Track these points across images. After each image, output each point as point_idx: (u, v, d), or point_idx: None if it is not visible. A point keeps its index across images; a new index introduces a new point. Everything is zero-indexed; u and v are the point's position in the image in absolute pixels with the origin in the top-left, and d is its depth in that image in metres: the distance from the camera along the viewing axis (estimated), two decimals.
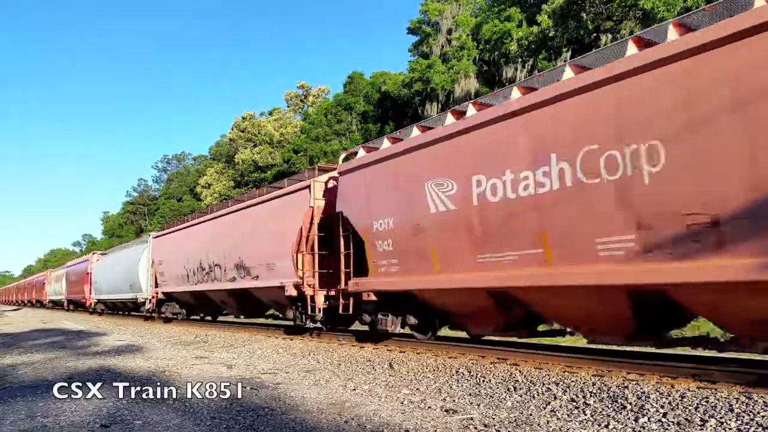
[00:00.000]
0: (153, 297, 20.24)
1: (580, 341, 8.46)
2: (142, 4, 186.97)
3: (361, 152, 10.24)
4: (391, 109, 35.62)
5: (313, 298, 11.07)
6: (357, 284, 9.81)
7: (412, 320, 9.45)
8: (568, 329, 7.66)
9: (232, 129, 50.54)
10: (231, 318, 18.92)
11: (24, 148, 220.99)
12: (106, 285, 26.01)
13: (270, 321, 16.54)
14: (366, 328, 10.76)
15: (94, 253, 31.41)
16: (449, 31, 31.81)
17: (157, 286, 20.01)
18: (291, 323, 12.97)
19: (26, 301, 59.02)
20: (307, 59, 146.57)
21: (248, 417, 4.91)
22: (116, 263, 24.81)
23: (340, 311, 10.40)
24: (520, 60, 25.71)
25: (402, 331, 9.95)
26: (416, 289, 8.69)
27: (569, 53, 24.13)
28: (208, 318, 19.68)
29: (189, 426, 4.63)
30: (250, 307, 15.45)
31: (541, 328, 8.05)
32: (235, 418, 4.86)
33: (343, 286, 10.29)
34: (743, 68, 4.74)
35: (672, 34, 5.57)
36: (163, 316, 20.34)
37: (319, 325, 12.00)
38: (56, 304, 41.87)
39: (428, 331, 9.62)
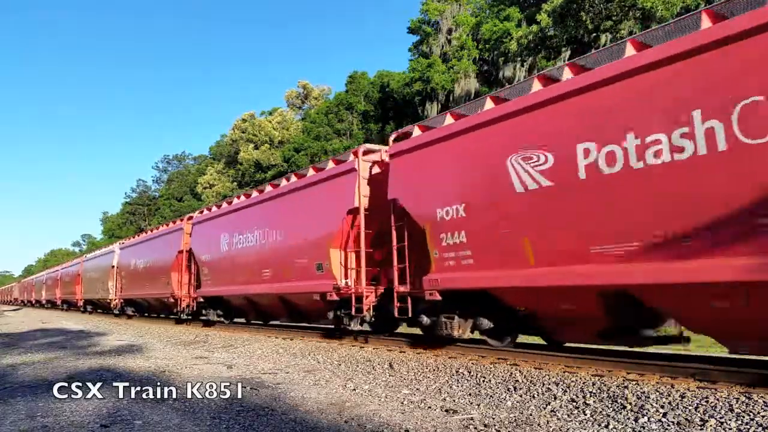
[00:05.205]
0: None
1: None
2: (141, 3, 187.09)
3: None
4: (392, 109, 35.62)
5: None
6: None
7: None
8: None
9: (233, 129, 50.57)
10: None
11: (24, 149, 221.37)
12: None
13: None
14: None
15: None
16: (449, 31, 31.80)
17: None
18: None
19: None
20: (307, 59, 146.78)
21: (248, 417, 4.91)
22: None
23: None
24: (519, 59, 25.72)
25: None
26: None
27: (568, 53, 24.10)
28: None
29: (189, 426, 4.63)
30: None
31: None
32: (235, 418, 4.86)
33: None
34: None
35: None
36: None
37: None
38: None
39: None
